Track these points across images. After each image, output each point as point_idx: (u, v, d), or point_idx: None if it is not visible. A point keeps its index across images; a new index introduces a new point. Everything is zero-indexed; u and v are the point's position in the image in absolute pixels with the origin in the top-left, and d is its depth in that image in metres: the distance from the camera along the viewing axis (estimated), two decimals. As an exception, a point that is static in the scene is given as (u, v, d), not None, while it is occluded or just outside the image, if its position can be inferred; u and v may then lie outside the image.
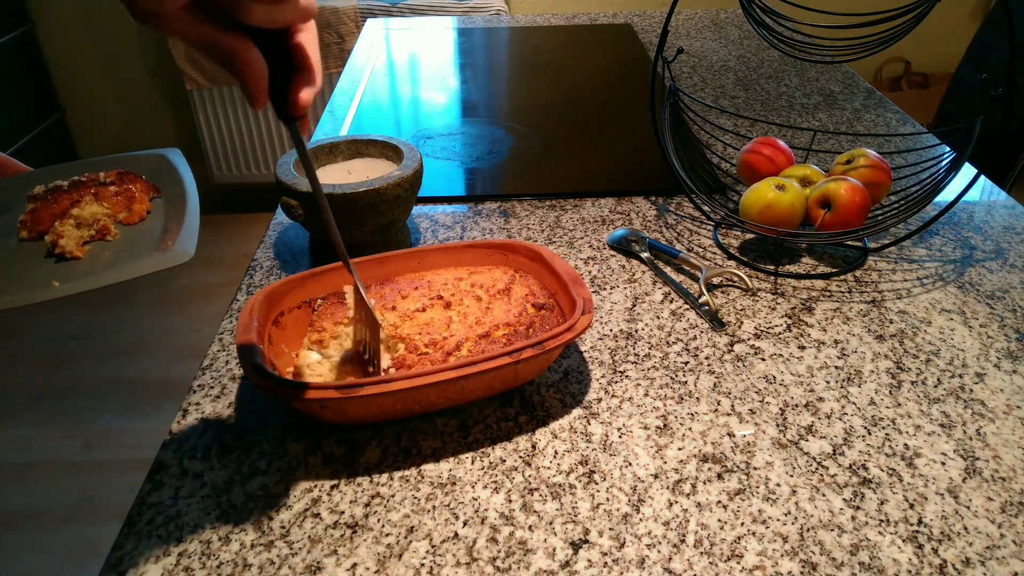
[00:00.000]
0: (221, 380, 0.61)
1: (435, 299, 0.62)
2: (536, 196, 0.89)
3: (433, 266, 0.66)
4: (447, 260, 0.66)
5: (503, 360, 0.51)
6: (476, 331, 0.58)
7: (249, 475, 0.53)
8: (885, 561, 0.47)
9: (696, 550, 0.47)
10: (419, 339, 0.58)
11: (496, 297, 0.62)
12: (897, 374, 0.62)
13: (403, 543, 0.48)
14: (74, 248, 0.59)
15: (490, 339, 0.58)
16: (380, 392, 0.49)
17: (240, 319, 0.57)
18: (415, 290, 0.63)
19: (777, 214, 0.72)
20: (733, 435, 0.56)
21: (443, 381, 0.50)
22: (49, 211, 0.63)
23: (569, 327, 0.54)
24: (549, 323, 0.60)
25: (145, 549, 0.48)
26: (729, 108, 1.12)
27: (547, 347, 0.53)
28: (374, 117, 1.12)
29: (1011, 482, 0.52)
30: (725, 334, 0.66)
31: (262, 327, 0.57)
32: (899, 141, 1.01)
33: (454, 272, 0.65)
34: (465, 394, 0.56)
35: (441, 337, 0.58)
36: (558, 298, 0.61)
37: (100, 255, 0.60)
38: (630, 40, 1.43)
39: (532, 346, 0.53)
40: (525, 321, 0.59)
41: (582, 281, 0.59)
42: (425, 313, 0.61)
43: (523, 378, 0.58)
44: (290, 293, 0.62)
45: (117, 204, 0.63)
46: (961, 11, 2.44)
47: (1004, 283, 0.73)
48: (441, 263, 0.66)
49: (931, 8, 0.68)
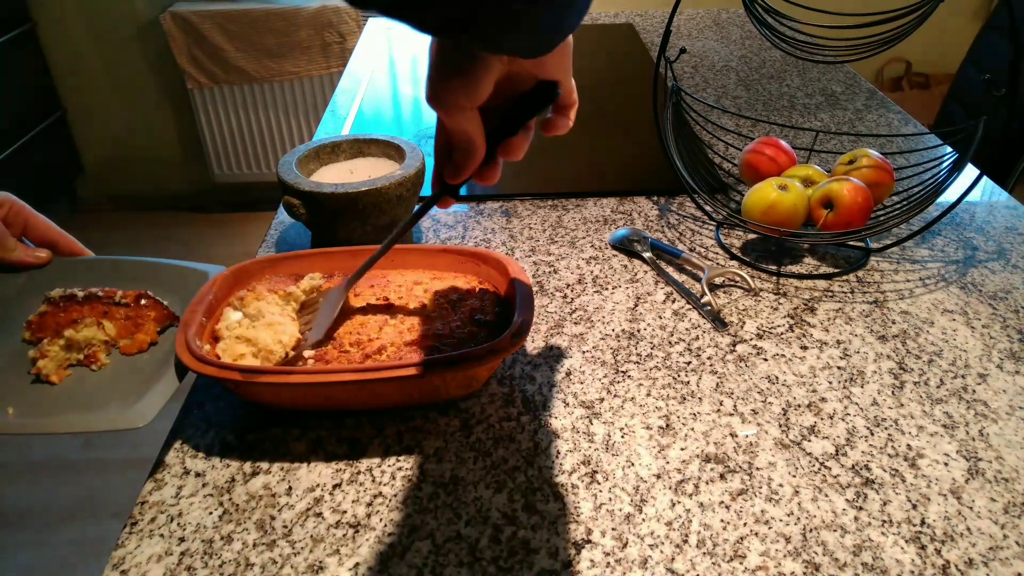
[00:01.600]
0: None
1: (381, 300, 0.61)
2: (538, 196, 0.89)
3: (403, 266, 0.65)
4: (418, 262, 0.65)
5: (401, 372, 0.50)
6: (406, 338, 0.57)
7: (251, 474, 0.53)
8: (888, 562, 0.46)
9: (699, 550, 0.47)
10: (347, 337, 0.57)
11: (444, 307, 0.60)
12: (900, 375, 0.62)
13: (405, 543, 0.48)
14: (52, 372, 0.55)
15: (414, 348, 0.56)
16: (277, 382, 0.50)
17: (199, 291, 0.58)
18: (370, 288, 0.62)
19: (779, 214, 0.72)
20: (735, 435, 0.56)
21: (337, 382, 0.50)
22: (55, 320, 0.59)
23: (490, 348, 0.51)
24: (486, 341, 0.56)
25: (147, 548, 0.48)
26: (731, 108, 1.12)
27: (460, 366, 0.51)
28: (376, 116, 1.12)
29: (1014, 483, 0.52)
30: (727, 334, 0.66)
31: (217, 302, 0.58)
32: (901, 141, 1.01)
33: (417, 275, 0.64)
34: (379, 398, 0.56)
35: (367, 339, 0.57)
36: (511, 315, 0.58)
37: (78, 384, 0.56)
38: (632, 40, 1.43)
39: (444, 363, 0.51)
40: (462, 335, 0.56)
41: (531, 303, 0.56)
42: (364, 313, 0.60)
43: (448, 392, 0.56)
44: (259, 273, 0.62)
45: (123, 329, 0.59)
46: (963, 12, 2.44)
47: (1006, 284, 0.73)
48: (412, 263, 0.65)
49: (934, 9, 0.68)
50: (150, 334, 0.59)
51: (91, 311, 0.60)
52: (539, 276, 0.74)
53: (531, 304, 0.56)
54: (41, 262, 0.65)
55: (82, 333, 0.57)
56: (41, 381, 0.55)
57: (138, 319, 0.59)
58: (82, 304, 0.60)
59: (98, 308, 0.60)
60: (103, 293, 0.60)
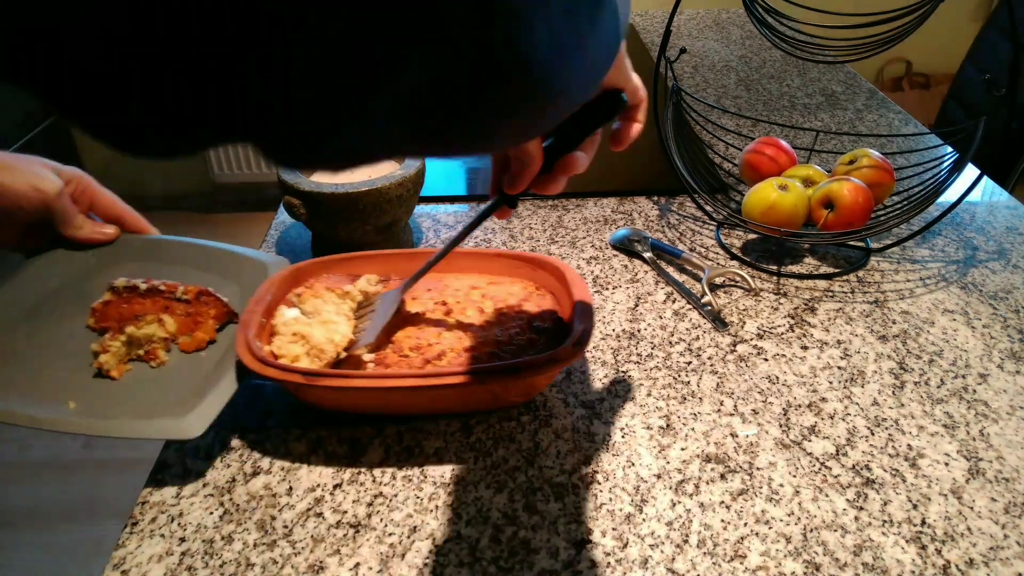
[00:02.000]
0: (223, 379, 0.61)
1: (439, 304, 0.60)
2: (538, 196, 0.89)
3: (459, 269, 0.64)
4: (474, 266, 0.64)
5: (462, 379, 0.49)
6: (464, 343, 0.56)
7: (252, 474, 0.53)
8: (888, 562, 0.46)
9: (699, 550, 0.47)
10: (407, 341, 0.57)
11: (502, 312, 0.59)
12: (900, 375, 0.62)
13: (406, 543, 0.48)
14: (113, 367, 0.55)
15: (474, 354, 0.55)
16: (339, 386, 0.50)
17: (258, 290, 0.58)
18: (427, 292, 0.62)
19: (780, 214, 0.72)
20: (736, 435, 0.56)
21: (398, 387, 0.49)
22: (118, 311, 0.59)
23: (550, 357, 0.50)
24: (545, 348, 0.55)
25: (148, 548, 0.48)
26: (731, 108, 1.12)
27: (522, 374, 0.50)
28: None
29: (1014, 483, 0.52)
30: (728, 334, 0.66)
31: (275, 301, 0.58)
32: (901, 141, 1.01)
33: (473, 279, 0.63)
34: (437, 404, 0.56)
35: (427, 343, 0.56)
36: (568, 324, 0.57)
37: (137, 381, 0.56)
38: (632, 40, 1.43)
39: (504, 370, 0.50)
40: (521, 342, 0.56)
41: (591, 311, 0.55)
42: (424, 317, 0.59)
43: (504, 400, 0.56)
44: (317, 272, 0.62)
45: (183, 325, 0.59)
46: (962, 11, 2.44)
47: (1007, 284, 0.73)
48: (467, 267, 0.64)
49: (934, 9, 0.68)
50: (209, 332, 0.59)
51: (152, 305, 0.60)
52: (539, 276, 0.74)
53: (591, 312, 0.55)
54: (108, 238, 0.65)
55: (143, 330, 0.57)
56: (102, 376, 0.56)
57: (198, 316, 0.60)
58: (144, 297, 0.60)
59: (159, 302, 0.60)
60: (165, 287, 0.61)
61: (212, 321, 0.59)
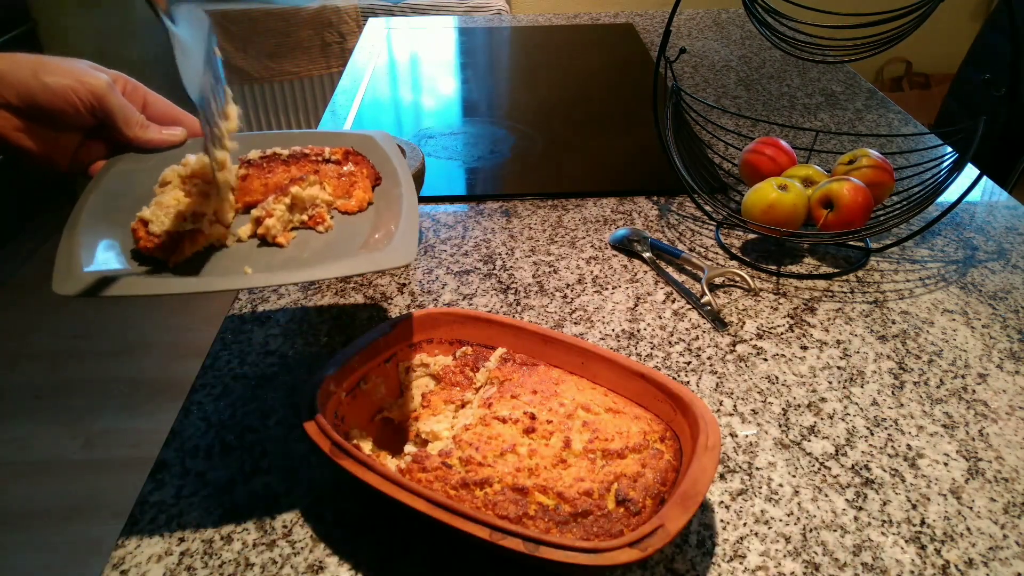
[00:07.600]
0: (223, 379, 0.61)
1: (527, 415, 0.48)
2: (538, 196, 0.89)
3: (588, 375, 0.53)
4: (607, 378, 0.53)
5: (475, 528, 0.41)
6: (519, 480, 0.45)
7: (251, 474, 0.53)
8: (888, 562, 0.47)
9: (699, 550, 0.47)
10: (464, 448, 0.47)
11: (592, 457, 0.46)
12: (899, 375, 0.62)
13: (406, 543, 0.48)
14: (279, 233, 0.50)
15: (524, 498, 0.44)
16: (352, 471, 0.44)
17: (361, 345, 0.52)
18: (533, 394, 0.50)
19: (779, 214, 0.72)
20: (735, 435, 0.56)
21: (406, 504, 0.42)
22: (262, 181, 0.53)
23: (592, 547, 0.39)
24: (613, 527, 0.43)
25: (147, 548, 0.48)
26: (731, 108, 1.12)
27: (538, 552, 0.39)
28: (376, 116, 1.12)
29: (1014, 483, 0.52)
30: (727, 334, 0.66)
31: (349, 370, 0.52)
32: (901, 141, 1.01)
33: (592, 397, 0.51)
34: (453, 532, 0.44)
35: (479, 461, 0.46)
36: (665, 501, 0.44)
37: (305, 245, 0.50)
38: (632, 40, 1.43)
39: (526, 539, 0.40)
40: (586, 506, 0.43)
41: (697, 500, 0.42)
42: (502, 421, 0.48)
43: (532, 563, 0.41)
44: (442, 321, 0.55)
45: (338, 188, 0.53)
46: (962, 11, 2.44)
47: (1006, 284, 0.73)
48: (600, 377, 0.53)
49: (934, 9, 0.68)
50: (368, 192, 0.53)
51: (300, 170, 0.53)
52: (539, 276, 0.74)
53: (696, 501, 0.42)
54: (178, 140, 0.56)
55: (307, 192, 0.51)
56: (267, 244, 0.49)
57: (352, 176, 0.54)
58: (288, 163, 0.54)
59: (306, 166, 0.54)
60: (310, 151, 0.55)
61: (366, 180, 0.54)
